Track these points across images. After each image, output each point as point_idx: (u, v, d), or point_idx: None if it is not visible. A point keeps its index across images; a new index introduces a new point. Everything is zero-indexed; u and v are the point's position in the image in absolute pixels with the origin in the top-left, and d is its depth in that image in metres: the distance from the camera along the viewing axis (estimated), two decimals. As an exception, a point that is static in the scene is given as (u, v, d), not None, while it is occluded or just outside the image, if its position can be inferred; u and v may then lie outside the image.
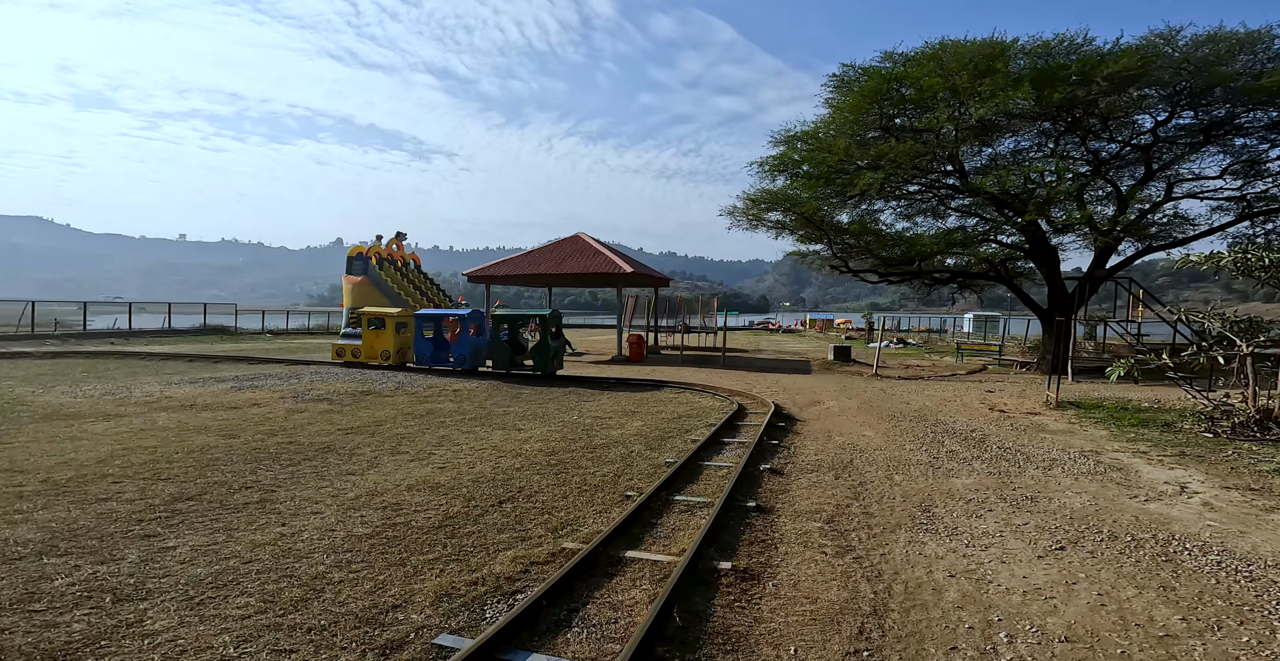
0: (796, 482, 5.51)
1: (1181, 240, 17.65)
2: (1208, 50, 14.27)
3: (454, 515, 4.56)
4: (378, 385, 11.53)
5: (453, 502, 4.86)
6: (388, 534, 4.13)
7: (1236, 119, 15.35)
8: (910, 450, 6.95)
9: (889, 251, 18.95)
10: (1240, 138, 16.16)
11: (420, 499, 4.94)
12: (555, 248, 22.05)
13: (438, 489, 5.22)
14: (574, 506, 4.82)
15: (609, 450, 6.81)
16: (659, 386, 12.32)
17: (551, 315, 13.15)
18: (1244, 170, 16.53)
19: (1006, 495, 5.32)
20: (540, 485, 5.41)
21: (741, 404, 9.90)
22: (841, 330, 43.38)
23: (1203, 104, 15.23)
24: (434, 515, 4.54)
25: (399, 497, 4.94)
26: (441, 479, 5.53)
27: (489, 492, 5.15)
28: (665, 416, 9.03)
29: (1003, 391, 12.52)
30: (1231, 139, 16.08)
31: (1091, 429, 8.38)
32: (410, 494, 5.06)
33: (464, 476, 5.64)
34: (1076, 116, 15.90)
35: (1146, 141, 16.17)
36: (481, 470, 5.87)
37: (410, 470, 5.82)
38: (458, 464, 6.08)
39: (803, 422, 8.61)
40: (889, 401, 10.84)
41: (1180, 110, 15.52)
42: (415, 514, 4.55)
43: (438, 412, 9.02)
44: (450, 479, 5.54)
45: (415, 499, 4.93)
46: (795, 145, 18.46)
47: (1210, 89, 14.39)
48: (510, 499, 5.01)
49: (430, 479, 5.53)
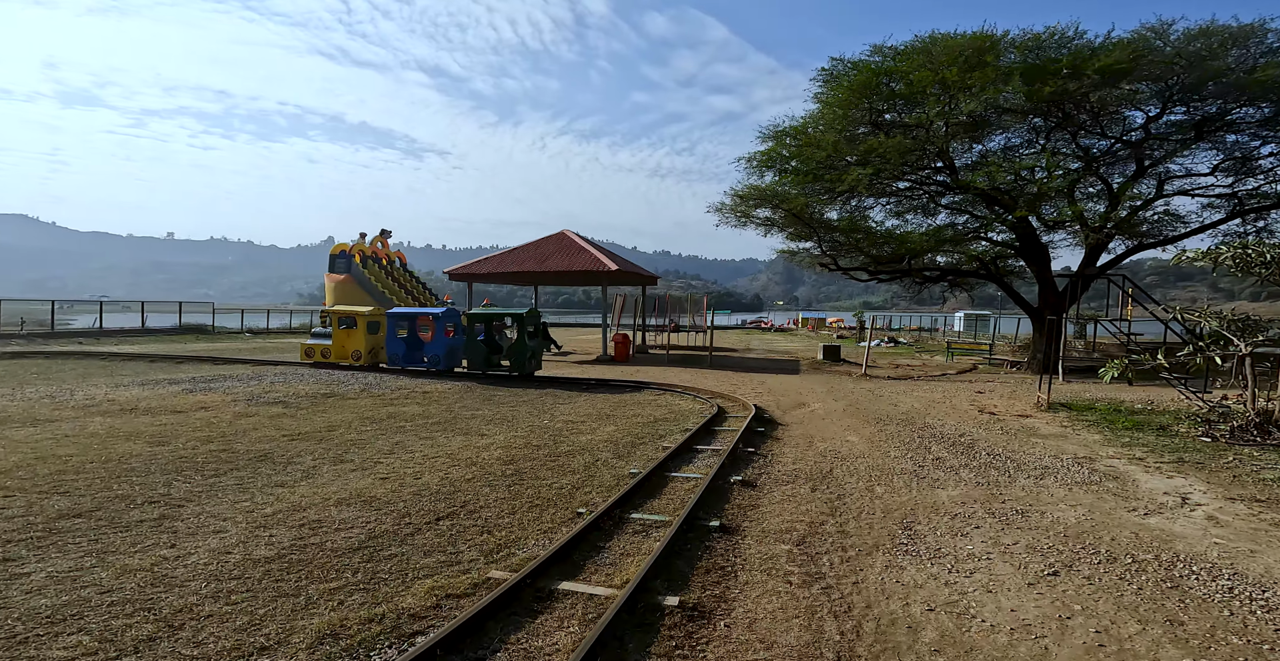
0: (769, 496, 5.05)
1: (1172, 238, 17.42)
2: (1199, 44, 13.98)
3: (379, 534, 4.08)
4: (343, 387, 10.99)
5: (383, 519, 4.37)
6: (293, 557, 3.64)
7: (1228, 115, 15.09)
8: (895, 457, 6.52)
9: (879, 249, 18.64)
10: (1231, 134, 15.90)
11: (348, 515, 4.45)
12: (540, 245, 21.53)
13: (371, 503, 4.73)
14: (519, 525, 4.34)
15: (573, 458, 6.33)
16: (639, 388, 11.86)
17: (528, 314, 12.65)
18: (1235, 167, 16.29)
19: (995, 509, 4.90)
20: (488, 499, 4.93)
21: (722, 407, 9.45)
22: (834, 329, 43.13)
23: (1194, 99, 14.96)
24: (356, 534, 4.05)
25: (323, 514, 4.45)
26: (379, 491, 5.04)
27: (428, 507, 4.67)
28: (640, 420, 8.56)
29: (993, 392, 12.16)
30: (1222, 135, 15.82)
31: (1084, 432, 8.00)
32: (338, 509, 4.57)
33: (406, 488, 5.15)
34: (1067, 111, 15.59)
35: (1138, 137, 15.88)
36: (428, 481, 5.38)
37: (348, 481, 5.32)
38: (403, 474, 5.59)
39: (784, 427, 8.17)
40: (876, 403, 10.43)
41: (1171, 106, 15.24)
42: (335, 533, 4.06)
43: (400, 416, 8.51)
44: (389, 491, 5.05)
45: (342, 515, 4.44)
46: (784, 140, 18.06)
47: (1202, 84, 14.11)
48: (450, 515, 4.53)
49: (367, 491, 5.03)
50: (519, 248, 21.51)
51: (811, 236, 19.22)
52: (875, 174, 15.81)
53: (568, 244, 21.13)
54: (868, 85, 16.01)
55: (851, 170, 15.91)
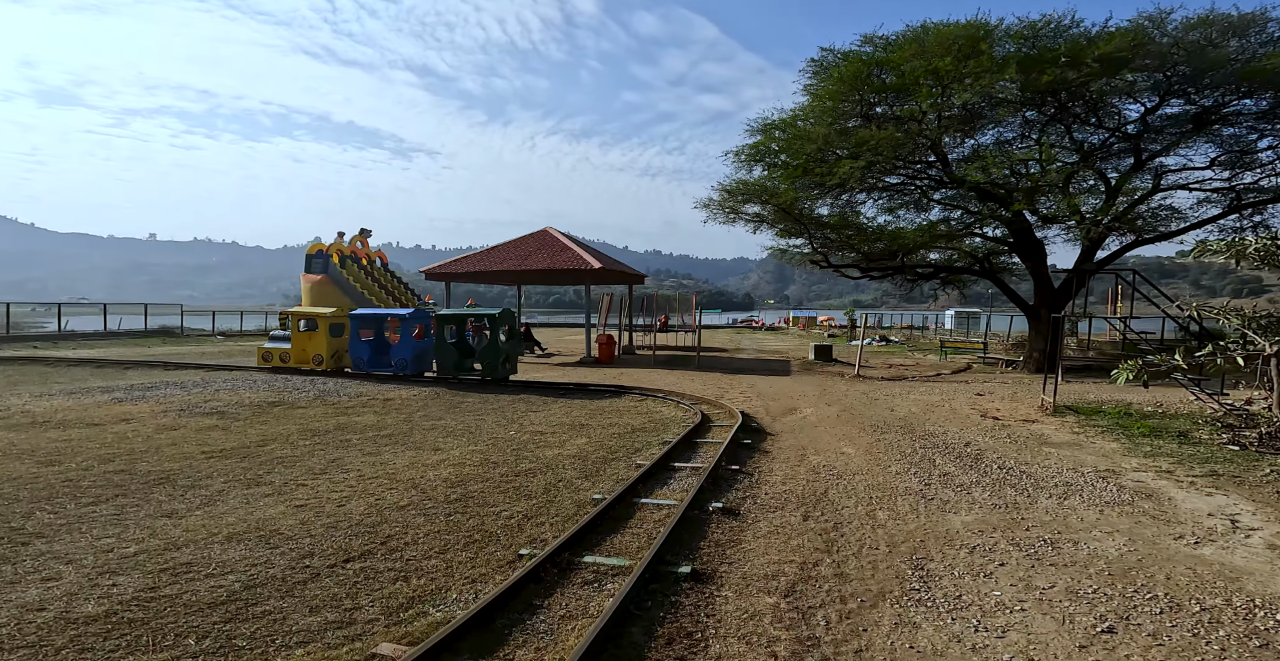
0: (754, 528, 4.28)
1: (1169, 233, 16.96)
2: (1198, 34, 13.49)
3: (261, 582, 3.25)
4: (296, 394, 10.08)
5: (275, 561, 3.55)
6: (126, 615, 2.82)
7: (1226, 107, 14.63)
8: (897, 473, 5.78)
9: (870, 246, 18.06)
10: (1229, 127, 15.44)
11: (233, 554, 3.62)
12: (521, 243, 20.66)
13: (270, 538, 3.90)
14: (446, 569, 3.53)
15: (533, 479, 5.53)
16: (620, 393, 11.07)
17: (502, 314, 11.81)
18: (1232, 161, 15.84)
19: (1019, 539, 4.17)
20: (418, 533, 4.11)
21: (707, 414, 8.69)
22: (824, 327, 42.63)
23: (1191, 91, 14.48)
24: (231, 582, 3.23)
25: (201, 553, 3.61)
26: (288, 523, 4.21)
27: (340, 544, 3.85)
28: (616, 431, 7.77)
29: (993, 394, 11.51)
30: (1220, 129, 15.36)
31: (1099, 440, 7.33)
32: (224, 547, 3.73)
33: (322, 518, 4.32)
34: (1063, 102, 15.03)
35: (1136, 130, 15.37)
36: (352, 509, 4.56)
37: (254, 509, 4.48)
38: (325, 500, 4.75)
39: (774, 437, 7.41)
40: (872, 408, 9.73)
41: (1169, 98, 14.75)
42: (202, 580, 3.24)
43: (349, 428, 7.65)
44: (300, 522, 4.22)
45: (225, 554, 3.61)
46: (773, 134, 17.39)
47: (1202, 75, 13.62)
48: (365, 554, 3.71)
49: (271, 523, 4.20)
50: (500, 246, 20.63)
51: (802, 233, 18.56)
52: (867, 167, 15.16)
53: (550, 242, 20.30)
54: (858, 76, 15.38)
55: (842, 163, 15.26)
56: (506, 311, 12.08)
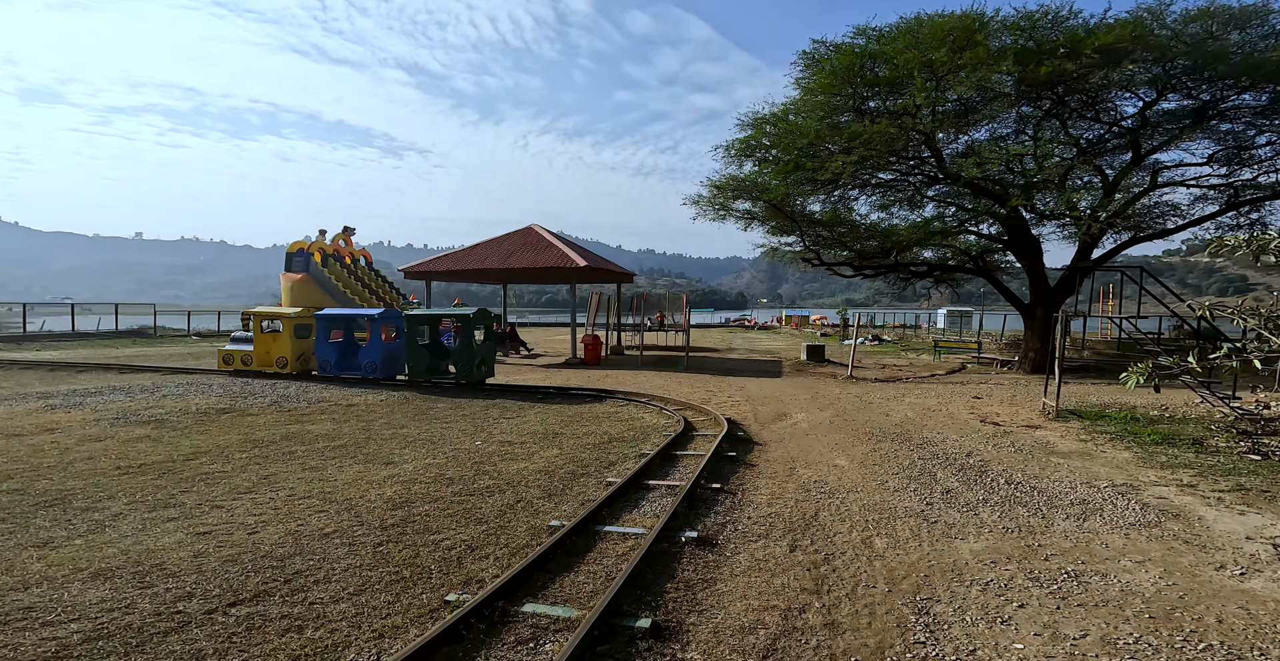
0: (732, 563, 3.69)
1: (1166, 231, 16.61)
2: (1198, 27, 13.10)
3: (110, 633, 2.64)
4: (250, 400, 9.39)
5: (143, 604, 2.93)
6: None
7: (1225, 102, 14.27)
8: (895, 490, 5.22)
9: (863, 243, 17.61)
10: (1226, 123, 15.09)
11: (94, 596, 2.99)
12: (505, 240, 20.01)
13: (150, 574, 3.28)
14: (353, 618, 2.92)
15: (489, 499, 4.92)
16: (601, 398, 10.47)
17: (477, 314, 11.16)
18: (1229, 157, 15.50)
19: (1038, 571, 3.62)
20: (337, 568, 3.50)
21: (690, 421, 8.10)
22: (817, 326, 42.24)
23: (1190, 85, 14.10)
24: (68, 633, 2.62)
25: (54, 594, 2.99)
26: (179, 555, 3.58)
27: (233, 583, 3.23)
28: (592, 441, 7.17)
29: (991, 397, 11.03)
30: (1217, 124, 15.00)
31: (1109, 449, 6.82)
32: (87, 586, 3.11)
33: (224, 549, 3.69)
34: (1060, 95, 14.60)
35: (1134, 124, 14.97)
36: (265, 537, 3.93)
37: (148, 537, 3.85)
38: (238, 525, 4.12)
39: (761, 448, 6.84)
40: (866, 412, 9.19)
41: (1168, 92, 14.36)
42: (34, 631, 2.63)
43: (299, 437, 7.00)
44: (194, 555, 3.59)
45: (84, 596, 2.99)
46: (764, 128, 16.88)
47: (1202, 68, 13.24)
48: (259, 596, 3.09)
49: (160, 555, 3.57)
50: (483, 243, 19.97)
51: (794, 230, 18.06)
52: (860, 162, 14.66)
53: (535, 239, 19.67)
54: (850, 68, 14.88)
55: (835, 158, 14.76)
56: (482, 311, 11.44)
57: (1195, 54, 12.81)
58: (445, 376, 11.45)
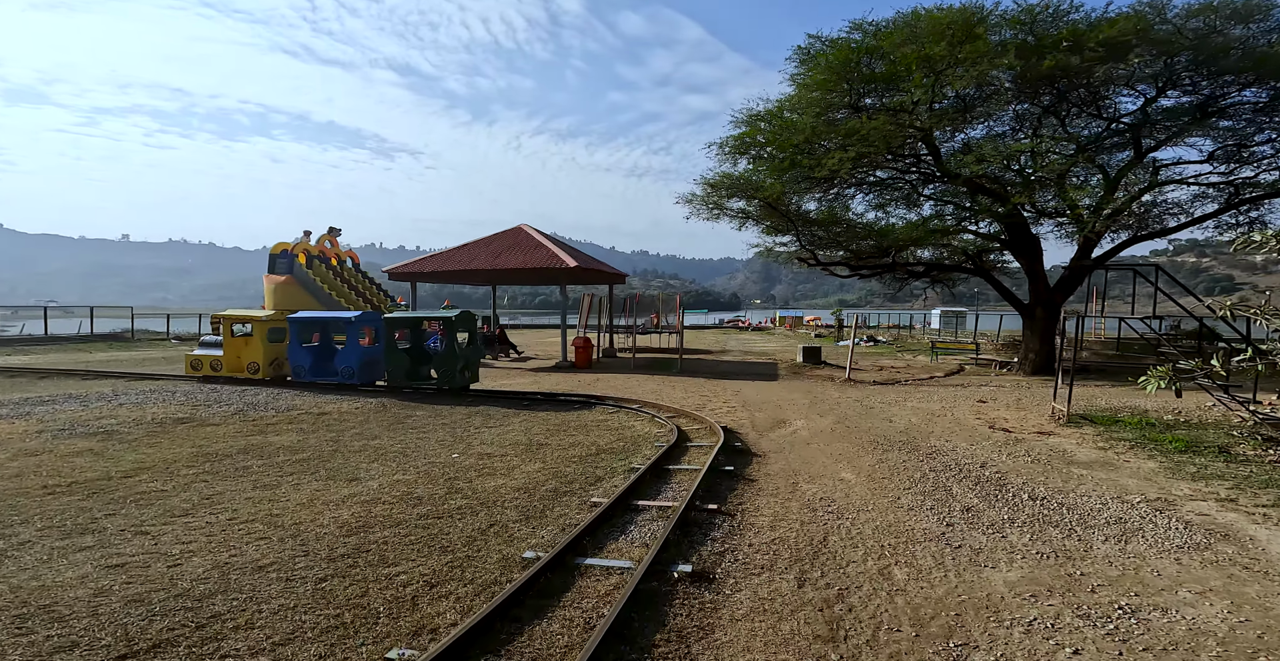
0: (732, 604, 3.18)
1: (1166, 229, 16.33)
2: (1200, 22, 12.83)
3: None
4: (214, 408, 8.79)
5: (13, 656, 2.39)
6: None
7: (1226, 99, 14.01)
8: (909, 509, 4.75)
9: (859, 243, 17.26)
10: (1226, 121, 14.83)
11: None
12: (493, 241, 19.46)
13: (36, 617, 2.77)
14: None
15: (459, 523, 4.39)
16: (590, 404, 9.94)
17: (459, 317, 10.61)
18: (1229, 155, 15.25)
19: (1087, 606, 3.14)
20: (265, 609, 2.96)
21: (684, 430, 7.60)
22: (811, 327, 41.94)
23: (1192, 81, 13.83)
24: None
25: None
26: (77, 594, 3.03)
27: (131, 630, 2.68)
28: (577, 453, 6.65)
29: (995, 401, 10.61)
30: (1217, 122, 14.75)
31: (1132, 458, 6.39)
32: None
33: (134, 586, 3.14)
34: (1062, 90, 14.29)
35: (1135, 121, 14.67)
36: (189, 570, 3.38)
37: (48, 570, 3.30)
38: (161, 555, 3.57)
39: (760, 460, 6.35)
40: (868, 418, 8.73)
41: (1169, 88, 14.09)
42: None
43: (257, 451, 6.42)
44: (94, 593, 3.05)
45: None
46: (758, 125, 16.49)
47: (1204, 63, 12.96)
48: (155, 649, 2.56)
49: (51, 593, 3.02)
50: (470, 244, 19.40)
51: (789, 230, 17.67)
52: (856, 159, 14.27)
53: (524, 239, 19.13)
54: (847, 63, 14.50)
55: (831, 154, 14.38)
56: (465, 313, 10.89)
57: (1198, 49, 12.55)
58: (427, 382, 10.89)
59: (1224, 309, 6.99)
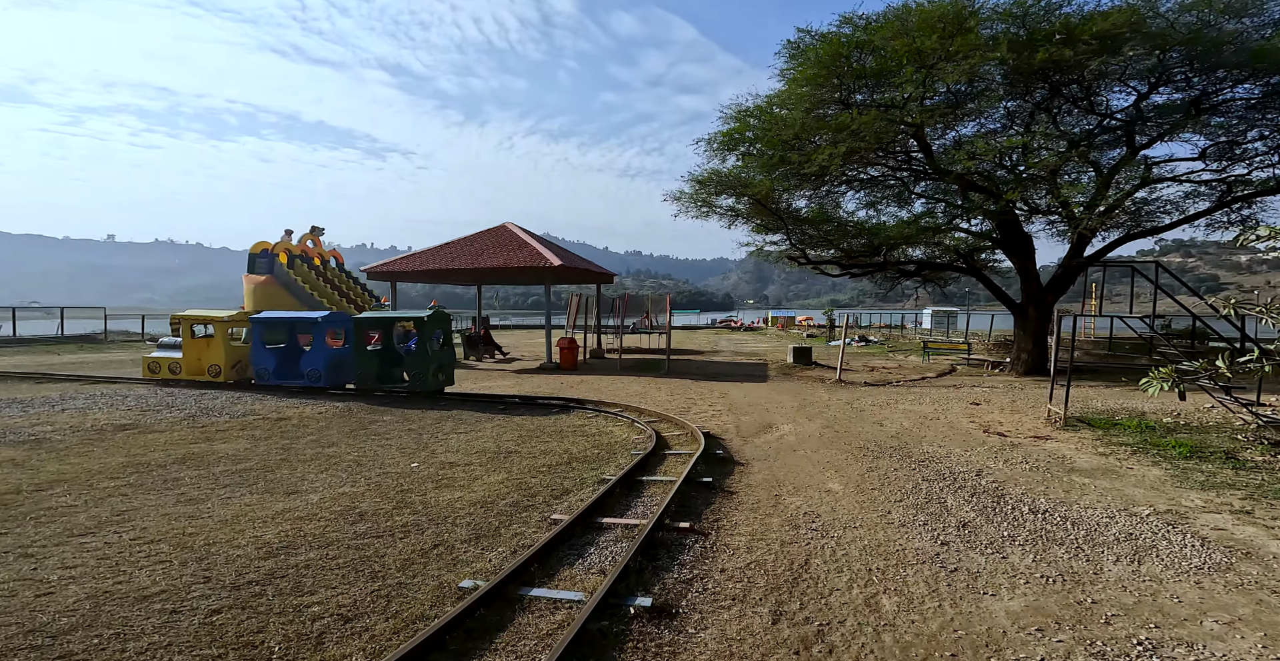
0: (693, 649, 2.73)
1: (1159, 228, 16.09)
2: (1193, 16, 12.61)
3: None
4: (163, 414, 8.24)
5: None
6: None
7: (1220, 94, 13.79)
8: (900, 524, 4.33)
9: (851, 242, 16.95)
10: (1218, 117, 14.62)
11: None
12: (476, 239, 18.97)
13: None
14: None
15: (400, 543, 3.92)
16: (569, 408, 9.48)
17: (432, 317, 10.11)
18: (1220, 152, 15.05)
19: (1102, 642, 2.73)
20: (131, 650, 2.49)
21: (664, 437, 7.17)
22: (803, 327, 41.71)
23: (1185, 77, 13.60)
24: None
25: None
26: None
27: None
28: (548, 462, 6.19)
29: (989, 403, 10.27)
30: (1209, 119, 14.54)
31: (1135, 465, 6.03)
32: None
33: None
34: (1055, 85, 14.03)
35: (1130, 116, 14.43)
36: (57, 601, 2.89)
37: None
38: (33, 582, 3.09)
39: (743, 469, 5.92)
40: (858, 422, 8.34)
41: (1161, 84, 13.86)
42: None
43: (196, 461, 5.91)
44: None
45: None
46: (747, 121, 16.14)
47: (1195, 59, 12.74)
48: None
49: None
50: (452, 242, 18.89)
51: (780, 228, 17.33)
52: (848, 154, 13.93)
53: (508, 238, 18.65)
54: (837, 57, 14.17)
55: (822, 149, 14.04)
56: (438, 314, 10.40)
57: (1191, 43, 12.32)
58: (399, 385, 10.38)
59: (1228, 307, 6.66)
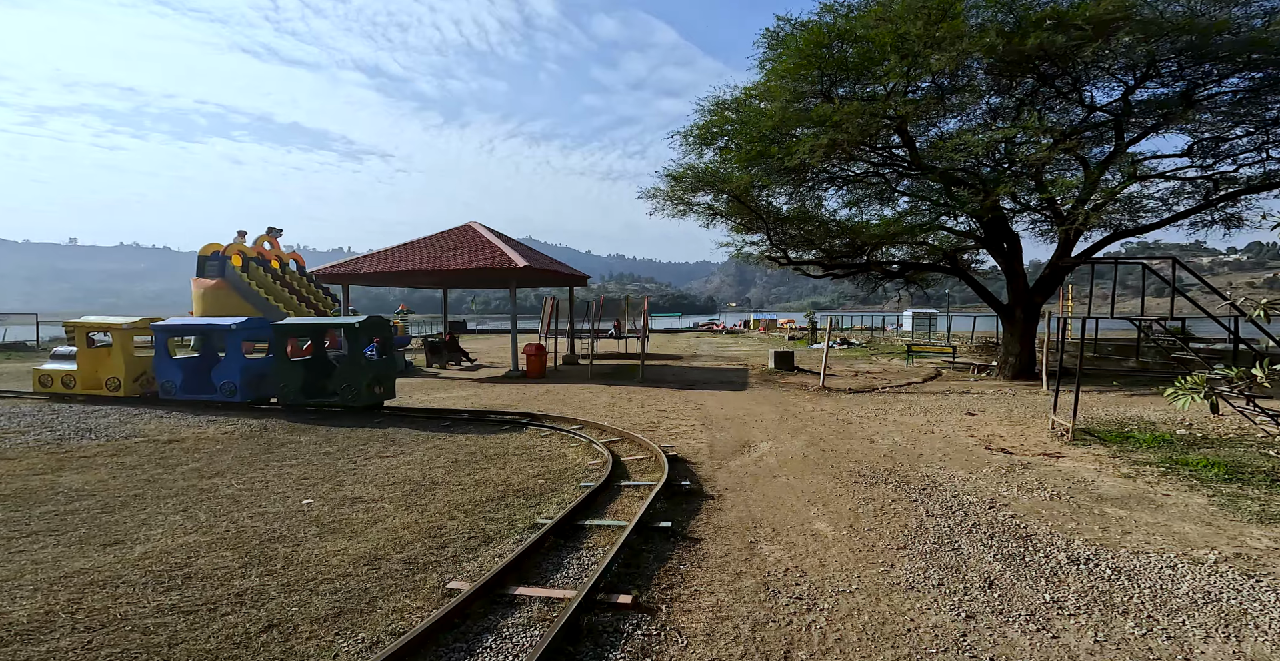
0: None
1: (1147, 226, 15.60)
2: (1181, 7, 12.12)
3: None
4: (23, 438, 6.88)
5: None
6: None
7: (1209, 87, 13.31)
8: (908, 586, 3.32)
9: (833, 242, 16.22)
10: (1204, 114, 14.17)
11: None
12: (438, 239, 17.74)
13: None
14: None
15: (219, 622, 2.77)
16: (522, 425, 8.34)
17: (365, 324, 8.88)
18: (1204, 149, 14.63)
19: None
20: None
21: (624, 461, 6.09)
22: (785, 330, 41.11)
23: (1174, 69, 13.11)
24: None
25: None
26: None
27: None
28: (477, 496, 5.07)
29: (985, 413, 9.44)
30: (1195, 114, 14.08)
31: (1170, 490, 5.15)
32: None
33: None
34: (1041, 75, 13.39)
35: (1118, 109, 13.90)
36: None
37: None
38: None
39: (712, 504, 4.88)
40: (847, 438, 7.38)
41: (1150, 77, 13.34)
42: None
43: (24, 497, 4.65)
44: None
45: None
46: (724, 114, 15.32)
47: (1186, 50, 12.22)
48: None
49: None
50: (411, 243, 17.63)
51: (760, 227, 16.54)
52: (830, 146, 13.12)
53: (471, 238, 17.46)
54: (818, 45, 13.38)
55: (803, 140, 13.24)
56: (375, 319, 9.17)
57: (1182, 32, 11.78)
58: (327, 397, 9.11)
59: (1259, 308, 5.88)
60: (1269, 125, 13.08)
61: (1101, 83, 13.99)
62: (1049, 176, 15.49)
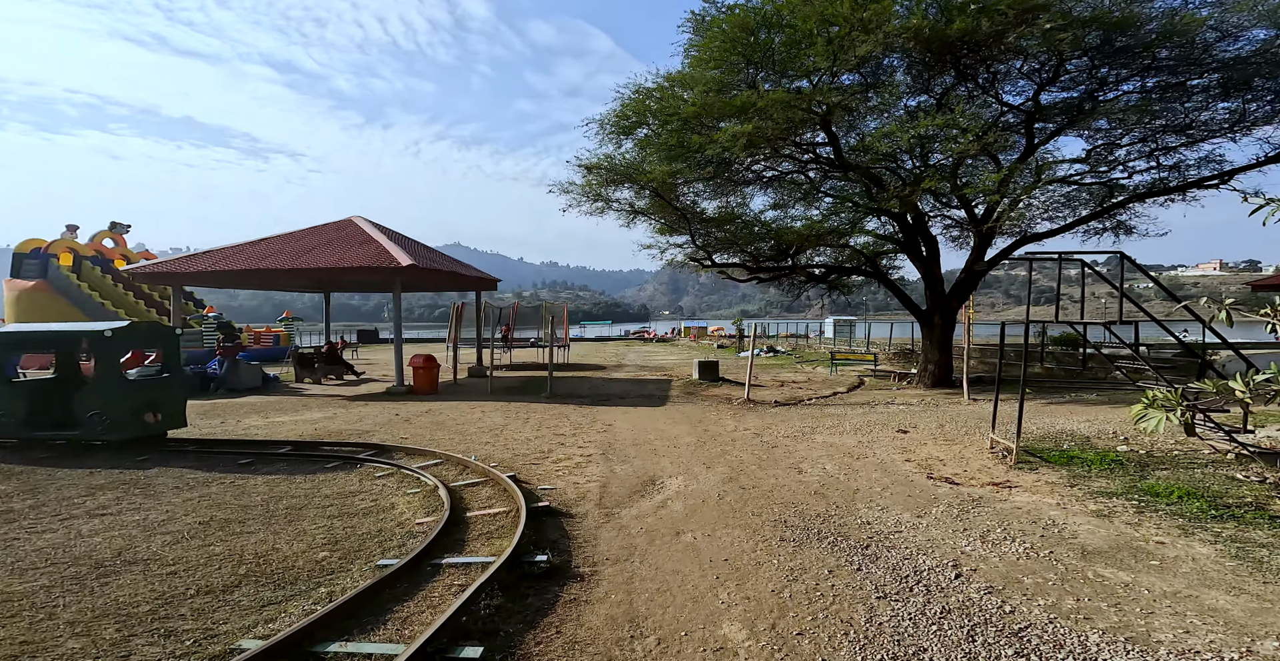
0: None
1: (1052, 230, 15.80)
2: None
3: None
4: None
5: None
6: None
7: (1108, 92, 13.51)
8: None
9: (758, 244, 15.38)
10: (1099, 119, 14.43)
11: None
12: (307, 235, 14.96)
13: None
14: None
15: None
16: (358, 460, 6.27)
17: (121, 331, 6.41)
18: (1098, 157, 15.03)
19: None
20: None
21: (468, 516, 4.30)
22: (714, 338, 40.72)
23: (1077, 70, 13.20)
24: None
25: None
26: None
27: None
28: (185, 585, 3.08)
29: (917, 430, 8.48)
30: (1093, 122, 14.37)
31: (1160, 534, 4.13)
32: None
33: None
34: (961, 69, 13.09)
35: (1029, 109, 13.88)
36: None
37: None
38: None
39: (578, 591, 3.21)
40: (772, 468, 6.02)
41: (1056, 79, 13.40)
42: None
43: None
44: None
45: None
46: (645, 103, 14.00)
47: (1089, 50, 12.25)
48: None
49: None
50: (268, 239, 14.72)
51: (684, 228, 15.40)
52: (753, 136, 12.10)
53: (350, 233, 14.88)
54: (745, 30, 12.37)
55: (725, 129, 12.15)
56: (147, 325, 6.73)
57: (1092, 24, 11.61)
58: (69, 430, 6.50)
59: (1221, 310, 5.16)
60: (1157, 133, 13.44)
61: (1010, 86, 13.99)
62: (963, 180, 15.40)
